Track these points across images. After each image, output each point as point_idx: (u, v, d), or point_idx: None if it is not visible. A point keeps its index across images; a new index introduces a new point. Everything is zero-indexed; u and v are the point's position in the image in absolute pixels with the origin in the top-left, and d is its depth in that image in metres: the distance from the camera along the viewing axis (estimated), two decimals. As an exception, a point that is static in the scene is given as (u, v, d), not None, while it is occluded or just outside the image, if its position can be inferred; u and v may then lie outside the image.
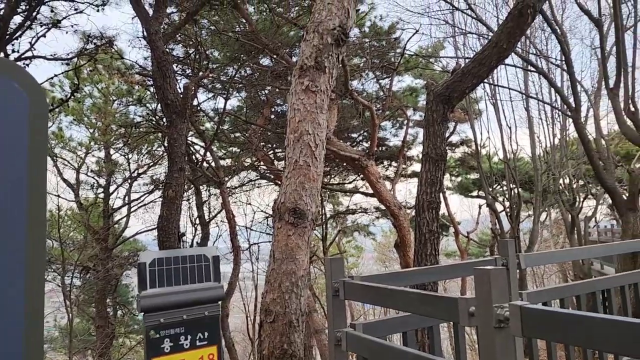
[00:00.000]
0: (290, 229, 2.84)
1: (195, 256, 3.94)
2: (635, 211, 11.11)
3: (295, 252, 2.84)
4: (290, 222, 2.83)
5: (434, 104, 6.30)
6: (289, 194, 2.87)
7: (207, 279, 3.95)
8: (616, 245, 5.27)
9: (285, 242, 2.83)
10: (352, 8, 3.11)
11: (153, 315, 3.81)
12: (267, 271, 2.92)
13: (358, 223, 24.63)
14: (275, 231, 2.91)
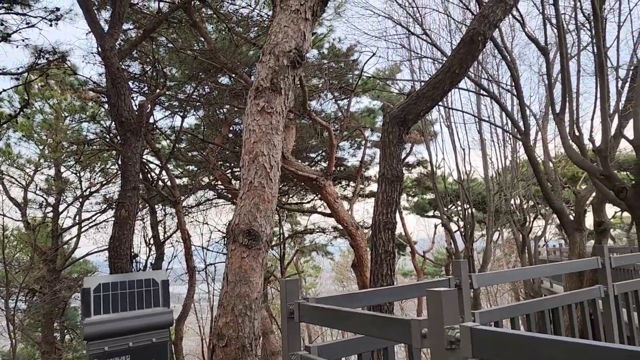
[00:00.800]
0: (244, 250, 2.80)
1: (143, 280, 3.80)
2: (581, 231, 11.57)
3: (249, 275, 2.80)
4: (245, 244, 2.80)
5: (390, 126, 6.42)
6: (243, 215, 2.84)
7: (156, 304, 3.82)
8: (563, 264, 5.46)
9: (239, 264, 2.79)
10: (308, 31, 3.15)
11: (97, 344, 3.64)
12: (220, 294, 2.87)
13: (316, 243, 24.61)
14: (229, 253, 2.87)
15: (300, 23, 3.08)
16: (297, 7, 3.10)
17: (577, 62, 9.27)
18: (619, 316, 5.42)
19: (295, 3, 3.10)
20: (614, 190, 7.36)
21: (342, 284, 35.72)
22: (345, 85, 14.98)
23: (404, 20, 15.23)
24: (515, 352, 1.89)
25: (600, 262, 5.44)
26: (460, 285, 4.37)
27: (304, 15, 3.10)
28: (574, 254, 11.31)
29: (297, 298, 3.30)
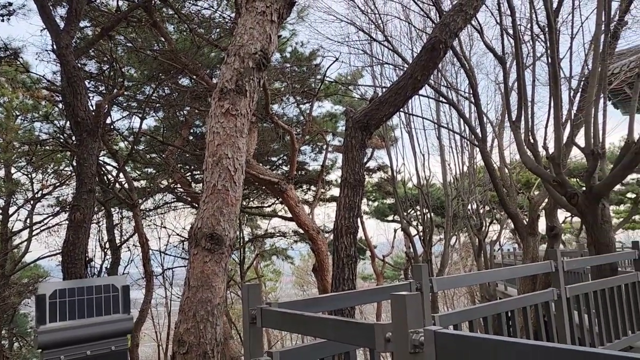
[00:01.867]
0: (206, 255, 2.74)
1: (102, 286, 3.67)
2: (534, 235, 11.95)
3: (211, 280, 2.74)
4: (207, 248, 2.74)
5: (353, 131, 6.46)
6: (206, 219, 2.78)
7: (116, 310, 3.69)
8: (519, 268, 5.62)
9: (201, 269, 2.73)
10: (274, 33, 3.13)
11: (53, 352, 3.47)
12: (182, 299, 2.80)
13: (276, 247, 24.51)
14: (190, 257, 2.80)
15: (266, 25, 3.06)
16: (263, 9, 3.07)
17: (532, 72, 9.59)
18: (571, 318, 5.62)
19: (262, 5, 3.07)
20: (566, 196, 7.63)
21: (303, 288, 35.67)
22: (308, 89, 15.00)
23: (366, 26, 15.40)
24: (478, 356, 1.91)
25: (553, 266, 5.63)
26: (421, 288, 4.43)
27: (270, 18, 3.08)
28: (527, 257, 11.66)
29: (260, 303, 3.27)
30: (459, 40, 13.80)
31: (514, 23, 8.69)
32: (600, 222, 7.29)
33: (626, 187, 30.52)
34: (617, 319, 6.22)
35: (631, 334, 6.47)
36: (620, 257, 7.52)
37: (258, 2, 3.09)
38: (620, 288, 6.43)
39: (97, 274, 13.38)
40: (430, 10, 13.77)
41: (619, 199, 31.17)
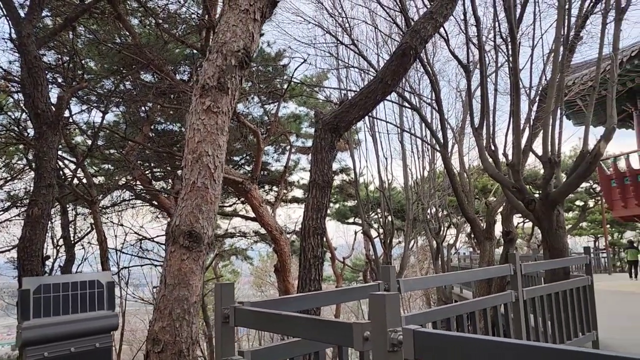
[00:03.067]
0: (184, 252, 2.72)
1: (87, 282, 3.55)
2: (491, 240, 12.32)
3: (188, 277, 2.72)
4: (185, 245, 2.72)
5: (323, 132, 6.51)
6: (184, 216, 2.76)
7: (101, 306, 3.58)
8: (479, 271, 5.80)
9: (179, 267, 2.70)
10: (256, 32, 3.13)
11: (36, 349, 3.34)
12: (157, 297, 2.75)
13: (236, 247, 24.28)
14: (167, 255, 2.77)
15: (249, 23, 3.06)
16: (247, 7, 3.08)
17: (494, 81, 9.90)
18: (527, 320, 5.83)
19: (245, 3, 3.07)
20: (524, 202, 7.91)
21: (261, 289, 35.48)
22: (273, 89, 14.96)
23: (333, 29, 15.52)
24: (455, 353, 1.98)
25: (512, 269, 5.82)
26: (389, 289, 4.51)
27: (253, 16, 3.08)
28: (484, 261, 12.00)
29: (233, 302, 3.25)
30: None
31: (479, 33, 8.96)
32: (555, 228, 7.59)
33: (576, 195, 31.90)
34: (569, 321, 6.50)
35: (582, 336, 6.78)
36: (573, 261, 7.85)
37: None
38: (572, 291, 6.72)
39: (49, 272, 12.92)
40: (396, 16, 13.99)
41: (568, 206, 32.54)
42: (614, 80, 7.19)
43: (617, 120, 18.92)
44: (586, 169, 7.26)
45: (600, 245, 32.76)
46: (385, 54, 16.51)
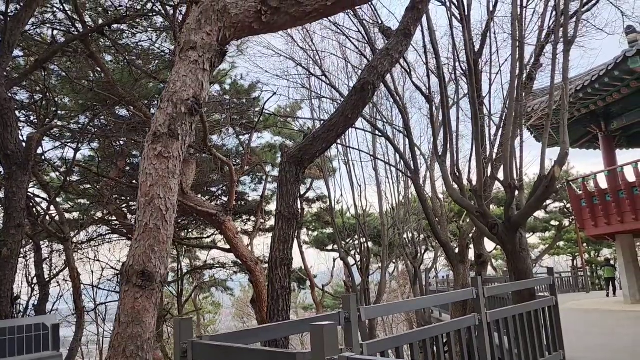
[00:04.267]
0: (137, 291, 2.86)
1: (33, 325, 3.63)
2: (464, 263, 12.57)
3: (142, 315, 2.85)
4: (138, 284, 2.86)
5: (287, 165, 6.71)
6: (137, 256, 2.90)
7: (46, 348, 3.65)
8: (443, 295, 5.97)
9: (132, 305, 2.84)
10: (206, 81, 3.34)
11: None
12: (112, 335, 2.88)
13: (216, 278, 24.14)
14: (122, 294, 2.90)
15: (198, 73, 3.28)
16: (196, 58, 3.29)
17: (457, 109, 10.29)
18: (492, 341, 6.00)
19: (194, 54, 3.29)
20: (487, 226, 8.18)
21: (243, 320, 35.10)
22: (247, 121, 15.22)
23: (304, 61, 15.92)
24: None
25: (475, 293, 6.00)
26: (350, 318, 4.66)
27: (202, 66, 3.30)
28: (458, 284, 12.21)
29: (191, 337, 3.38)
30: (391, 77, 14.54)
31: (439, 65, 9.35)
32: (518, 250, 7.85)
33: (550, 215, 32.52)
34: (534, 340, 6.68)
35: (548, 356, 6.96)
36: (537, 282, 8.09)
37: (191, 51, 3.31)
38: (538, 312, 6.92)
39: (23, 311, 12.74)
40: (365, 48, 14.45)
41: (544, 227, 33.13)
42: (565, 108, 7.56)
43: (585, 141, 19.52)
44: (544, 192, 7.57)
45: (578, 264, 33.28)
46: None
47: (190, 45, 3.31)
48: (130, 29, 11.75)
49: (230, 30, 3.45)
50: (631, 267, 16.18)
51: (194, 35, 3.33)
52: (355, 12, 12.16)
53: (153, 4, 10.76)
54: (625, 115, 16.15)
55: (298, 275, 22.36)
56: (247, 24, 3.51)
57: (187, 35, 3.35)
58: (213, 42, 3.35)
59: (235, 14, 3.44)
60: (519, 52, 8.26)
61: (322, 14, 3.94)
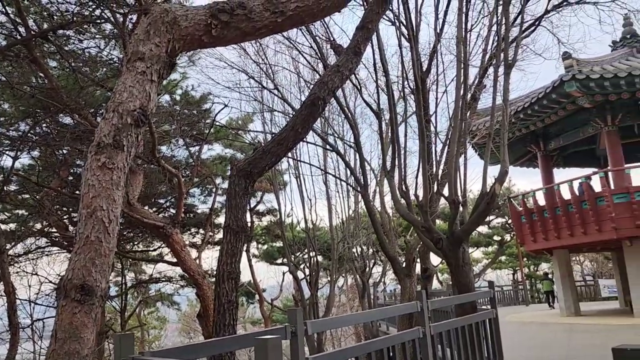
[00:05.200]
0: (76, 306, 2.77)
1: None
2: (411, 277, 12.81)
3: (80, 331, 2.77)
4: (77, 299, 2.78)
5: (237, 179, 6.68)
6: (77, 270, 2.82)
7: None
8: (388, 309, 6.08)
9: (70, 321, 2.75)
10: (153, 92, 3.32)
11: None
12: (47, 352, 2.77)
13: (162, 292, 23.52)
14: (59, 309, 2.81)
15: (145, 84, 3.25)
16: (144, 69, 3.26)
17: (405, 126, 10.56)
18: (435, 353, 6.14)
19: (142, 65, 3.26)
20: (432, 241, 8.41)
21: (189, 336, 34.25)
22: (198, 132, 15.04)
23: (257, 74, 15.94)
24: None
25: (419, 306, 6.14)
26: (296, 332, 4.67)
27: (150, 77, 3.27)
28: (405, 297, 12.42)
29: (132, 353, 3.30)
30: (343, 93, 14.78)
31: (388, 83, 9.60)
32: (461, 264, 8.10)
33: (493, 231, 33.71)
34: (475, 352, 6.88)
35: (489, 366, 7.19)
36: (478, 296, 8.36)
37: (139, 62, 3.28)
38: (479, 324, 7.15)
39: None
40: (317, 63, 14.63)
41: (487, 241, 34.29)
42: (505, 128, 7.92)
43: (525, 160, 20.36)
44: (485, 209, 7.87)
45: (518, 278, 34.54)
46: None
47: (138, 55, 3.28)
48: (77, 35, 11.42)
49: (179, 42, 3.45)
50: (567, 281, 16.98)
51: (142, 46, 3.31)
52: (308, 28, 12.32)
53: (102, 10, 10.52)
54: (562, 136, 17.02)
55: (247, 289, 22.13)
56: (196, 37, 3.52)
57: (135, 45, 3.32)
58: (162, 53, 3.33)
59: (185, 27, 3.44)
60: (463, 73, 8.59)
61: (272, 30, 4.00)
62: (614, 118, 14.63)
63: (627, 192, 13.71)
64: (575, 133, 16.42)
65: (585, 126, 15.71)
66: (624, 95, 13.73)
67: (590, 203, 14.35)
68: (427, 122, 9.94)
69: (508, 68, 8.00)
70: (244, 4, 3.57)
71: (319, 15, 4.44)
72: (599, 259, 34.02)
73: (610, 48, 17.51)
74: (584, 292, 27.49)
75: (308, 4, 3.80)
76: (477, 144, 15.80)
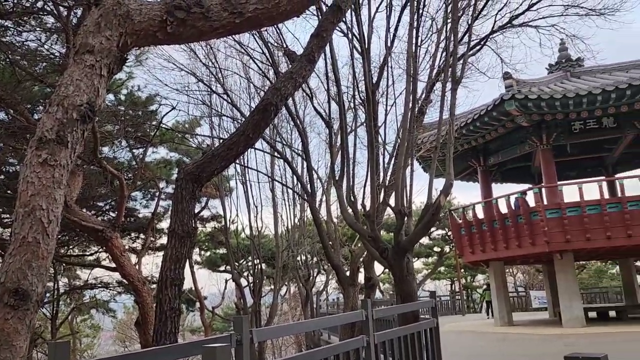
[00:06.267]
0: (9, 312, 2.58)
1: None
2: (354, 286, 12.90)
3: (12, 338, 2.58)
4: (10, 304, 2.59)
5: (184, 182, 6.51)
6: (11, 272, 2.63)
7: None
8: (333, 317, 6.08)
9: (1, 327, 2.56)
10: (102, 87, 3.16)
11: None
12: (-27, 361, 2.56)
13: (97, 299, 22.54)
14: (-11, 314, 2.61)
15: (94, 78, 3.10)
16: (93, 62, 3.11)
17: (354, 136, 10.68)
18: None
19: (91, 58, 3.11)
20: (378, 250, 8.51)
21: (125, 344, 32.99)
22: (142, 134, 14.59)
23: (206, 78, 15.67)
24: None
25: (364, 315, 6.18)
26: (242, 340, 4.57)
27: (99, 72, 3.12)
28: (348, 307, 12.48)
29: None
30: (293, 100, 14.78)
31: (339, 93, 9.69)
32: (405, 274, 8.23)
33: (433, 242, 34.64)
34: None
35: (431, 374, 7.32)
36: (421, 305, 8.51)
37: (87, 55, 3.12)
38: (421, 333, 7.28)
39: None
40: (268, 70, 14.57)
41: (427, 252, 35.19)
42: (451, 142, 8.15)
43: (466, 174, 21.03)
44: (430, 220, 8.05)
45: (455, 288, 35.58)
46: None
47: (87, 48, 3.13)
48: (16, 27, 10.84)
49: (132, 37, 3.32)
50: (501, 292, 17.62)
51: (92, 38, 3.16)
52: (260, 33, 12.26)
53: (44, 2, 10.05)
54: (501, 153, 17.73)
55: (187, 297, 21.58)
56: (150, 33, 3.40)
57: (85, 37, 3.17)
58: (113, 47, 3.19)
59: (139, 21, 3.32)
60: (412, 86, 8.79)
61: (229, 31, 3.93)
62: (548, 137, 15.38)
63: (558, 207, 14.43)
64: (513, 150, 17.12)
65: (522, 144, 16.43)
66: (558, 116, 14.50)
67: (525, 217, 14.99)
68: (376, 133, 10.07)
69: (455, 84, 8.25)
70: (202, 2, 3.49)
71: (278, 19, 4.41)
72: (530, 271, 35.61)
73: (547, 70, 18.47)
74: (516, 302, 28.64)
75: (267, 7, 3.76)
76: (423, 157, 16.20)
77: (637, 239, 13.75)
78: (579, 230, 14.13)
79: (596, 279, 35.71)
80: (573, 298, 14.65)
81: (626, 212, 13.84)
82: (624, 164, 19.57)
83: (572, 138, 15.57)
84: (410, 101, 8.82)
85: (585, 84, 14.92)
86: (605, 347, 9.71)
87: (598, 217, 14.09)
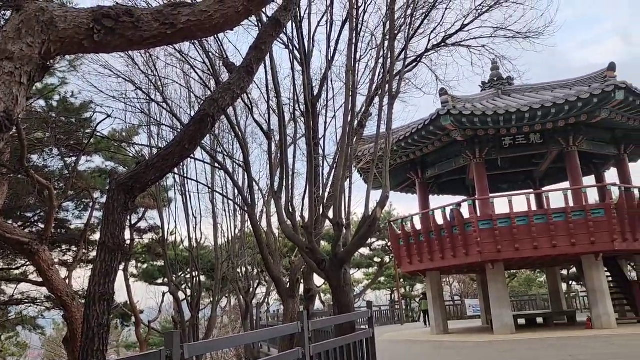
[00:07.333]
0: None
1: None
2: (294, 297, 12.88)
3: None
4: None
5: (116, 193, 6.28)
6: None
7: None
8: (270, 330, 6.06)
9: None
10: (22, 95, 3.04)
11: None
12: None
13: (24, 315, 21.27)
14: None
15: (13, 86, 2.97)
16: (12, 70, 2.99)
17: (294, 148, 10.74)
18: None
19: (10, 66, 2.99)
20: (316, 262, 8.56)
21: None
22: (75, 142, 14.02)
23: (145, 86, 15.30)
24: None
25: (300, 327, 6.19)
26: (172, 356, 4.48)
27: (18, 79, 3.00)
28: (287, 318, 12.45)
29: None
30: (234, 111, 14.69)
31: (279, 104, 9.74)
32: (342, 285, 8.33)
33: (374, 253, 35.17)
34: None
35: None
36: (357, 316, 8.63)
37: (6, 62, 2.99)
38: (357, 344, 7.37)
39: None
40: (209, 80, 14.41)
41: (368, 263, 35.68)
42: (388, 156, 8.36)
43: (405, 186, 21.51)
44: (367, 231, 8.20)
45: (395, 298, 36.23)
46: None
47: (6, 55, 3.00)
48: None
49: (56, 44, 3.21)
50: (438, 301, 18.11)
51: (12, 44, 3.03)
52: (201, 43, 12.13)
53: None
54: (437, 165, 18.32)
55: (122, 311, 20.79)
56: (76, 41, 3.30)
57: (4, 43, 3.03)
58: (34, 54, 3.08)
59: (64, 29, 3.22)
60: (351, 100, 8.97)
61: (160, 42, 3.88)
62: (481, 151, 16.06)
63: (490, 219, 15.05)
64: (449, 163, 17.73)
65: (457, 157, 17.06)
66: (490, 131, 15.20)
67: (460, 228, 15.53)
68: (315, 145, 10.17)
69: (392, 99, 8.49)
70: (132, 11, 3.43)
71: (212, 31, 4.38)
72: (465, 280, 36.83)
73: (480, 88, 19.33)
74: (452, 311, 29.49)
75: (200, 19, 3.74)
76: (362, 169, 16.48)
77: (561, 248, 14.54)
78: (509, 241, 14.77)
79: (526, 287, 37.39)
80: (503, 306, 15.25)
81: (551, 224, 14.62)
82: (550, 177, 20.70)
83: (503, 153, 16.31)
84: (349, 114, 8.99)
85: (514, 101, 15.71)
86: (537, 354, 10.22)
87: (526, 228, 14.79)
